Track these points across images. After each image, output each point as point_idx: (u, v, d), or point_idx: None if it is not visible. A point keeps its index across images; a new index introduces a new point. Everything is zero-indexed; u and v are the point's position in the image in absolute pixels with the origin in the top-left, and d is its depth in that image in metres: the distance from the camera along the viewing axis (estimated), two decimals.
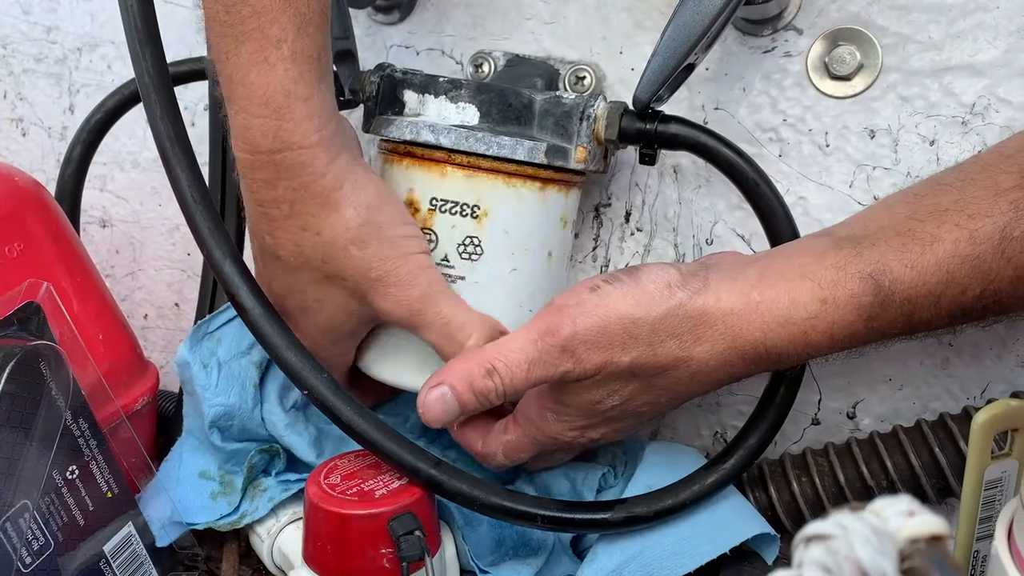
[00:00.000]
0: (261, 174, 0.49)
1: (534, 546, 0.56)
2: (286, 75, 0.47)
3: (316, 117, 0.48)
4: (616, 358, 0.48)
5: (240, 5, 0.46)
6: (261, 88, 0.47)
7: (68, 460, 0.51)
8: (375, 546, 0.49)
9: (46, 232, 0.59)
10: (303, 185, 0.49)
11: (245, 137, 0.48)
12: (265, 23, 0.46)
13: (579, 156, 0.54)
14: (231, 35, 0.47)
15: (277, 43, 0.46)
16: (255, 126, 0.48)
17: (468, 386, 0.49)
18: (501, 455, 0.55)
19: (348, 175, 0.50)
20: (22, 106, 0.83)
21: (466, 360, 0.50)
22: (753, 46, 0.59)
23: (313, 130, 0.48)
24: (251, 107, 0.47)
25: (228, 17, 0.46)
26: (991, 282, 0.45)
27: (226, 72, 0.48)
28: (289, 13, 0.46)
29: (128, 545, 0.55)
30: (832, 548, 0.23)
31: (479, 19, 0.65)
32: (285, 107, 0.47)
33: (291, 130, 0.48)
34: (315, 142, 0.48)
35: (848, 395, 0.59)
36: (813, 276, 0.47)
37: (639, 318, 0.48)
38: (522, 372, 0.48)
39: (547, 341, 0.48)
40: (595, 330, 0.48)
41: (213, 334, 0.59)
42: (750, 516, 0.54)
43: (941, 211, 0.46)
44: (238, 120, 0.48)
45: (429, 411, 0.50)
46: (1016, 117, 0.53)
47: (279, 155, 0.48)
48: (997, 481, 0.46)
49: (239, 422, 0.57)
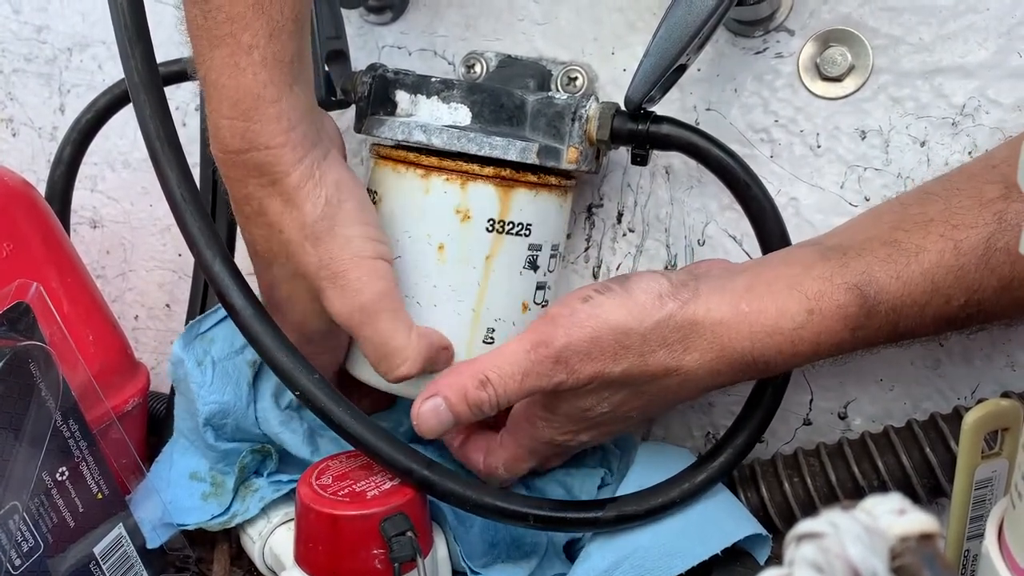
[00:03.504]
0: (232, 172, 0.50)
1: (527, 548, 0.56)
2: (255, 79, 0.47)
3: (285, 119, 0.49)
4: (608, 368, 0.49)
5: (216, 11, 0.47)
6: (231, 91, 0.48)
7: (58, 461, 0.51)
8: (367, 547, 0.49)
9: (36, 232, 0.59)
10: (269, 183, 0.50)
11: (217, 136, 0.49)
12: (238, 29, 0.47)
13: (571, 156, 0.54)
14: (206, 39, 0.48)
15: (248, 49, 0.47)
16: (225, 127, 0.49)
17: (462, 397, 0.49)
18: (503, 470, 0.56)
19: (314, 173, 0.50)
20: (12, 106, 0.83)
21: (459, 372, 0.50)
22: (745, 47, 0.59)
23: (280, 131, 0.49)
24: (222, 108, 0.48)
25: (204, 22, 0.47)
26: (975, 292, 0.46)
27: (201, 74, 0.49)
28: (262, 20, 0.47)
29: (119, 547, 0.55)
30: (823, 546, 0.23)
31: (471, 20, 0.65)
32: (253, 109, 0.48)
33: (258, 131, 0.48)
34: (282, 143, 0.49)
35: (839, 395, 0.59)
36: (800, 287, 0.47)
37: (631, 328, 0.48)
38: (515, 383, 0.49)
39: (540, 352, 0.48)
40: (588, 341, 0.48)
41: (205, 334, 0.58)
42: (742, 516, 0.54)
43: (927, 221, 0.47)
44: (211, 120, 0.49)
45: (423, 422, 0.50)
46: (1006, 118, 0.53)
47: (247, 155, 0.49)
48: (987, 480, 0.46)
49: (233, 420, 0.57)
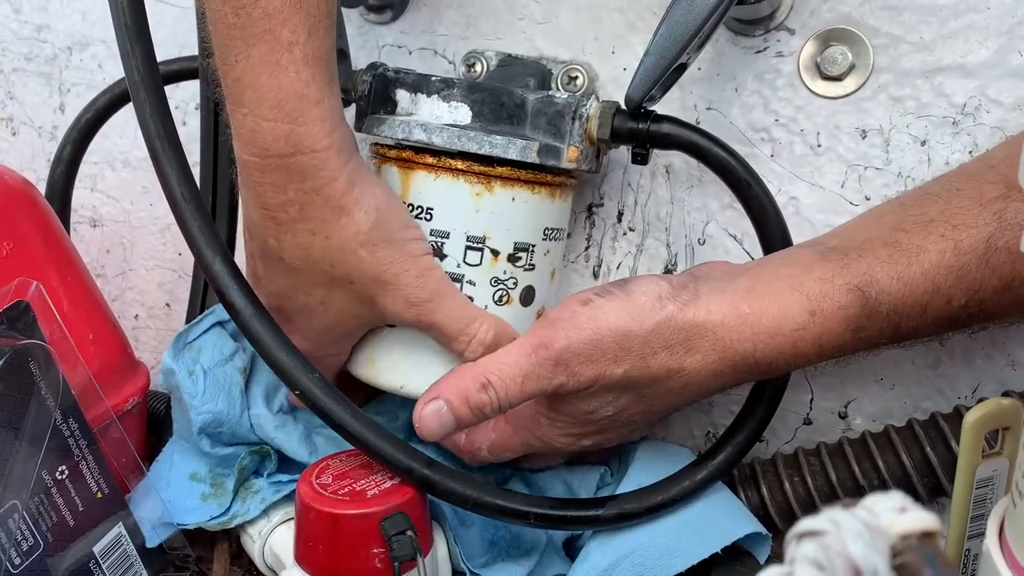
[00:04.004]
0: (270, 177, 0.49)
1: (526, 546, 0.56)
2: (298, 78, 0.46)
3: (328, 120, 0.48)
4: (609, 371, 0.48)
5: (251, 7, 0.45)
6: (273, 91, 0.46)
7: (58, 460, 0.51)
8: (367, 546, 0.49)
9: (36, 231, 0.59)
10: (314, 189, 0.48)
11: (254, 140, 0.48)
12: (276, 25, 0.45)
13: (571, 155, 0.54)
14: (240, 37, 0.46)
15: (289, 46, 0.46)
16: (266, 129, 0.47)
17: (464, 400, 0.49)
18: (486, 451, 0.55)
19: (358, 178, 0.50)
20: (12, 105, 0.83)
21: (461, 375, 0.50)
22: (745, 46, 0.59)
23: (325, 133, 0.48)
24: (262, 110, 0.47)
25: (237, 20, 0.46)
26: (976, 292, 0.46)
27: (233, 75, 0.47)
28: (300, 15, 0.46)
29: (118, 546, 0.55)
30: (824, 544, 0.23)
31: (472, 19, 0.65)
32: (298, 111, 0.47)
33: (304, 134, 0.47)
34: (327, 145, 0.48)
35: (840, 395, 0.59)
36: (801, 288, 0.47)
37: (631, 331, 0.48)
38: (516, 385, 0.49)
39: (541, 355, 0.48)
40: (588, 343, 0.48)
41: (193, 343, 0.58)
42: (742, 515, 0.54)
43: (927, 221, 0.47)
44: (247, 123, 0.47)
45: (425, 425, 0.50)
46: (1007, 117, 0.53)
47: (291, 159, 0.48)
48: (988, 479, 0.46)
49: (228, 428, 0.57)
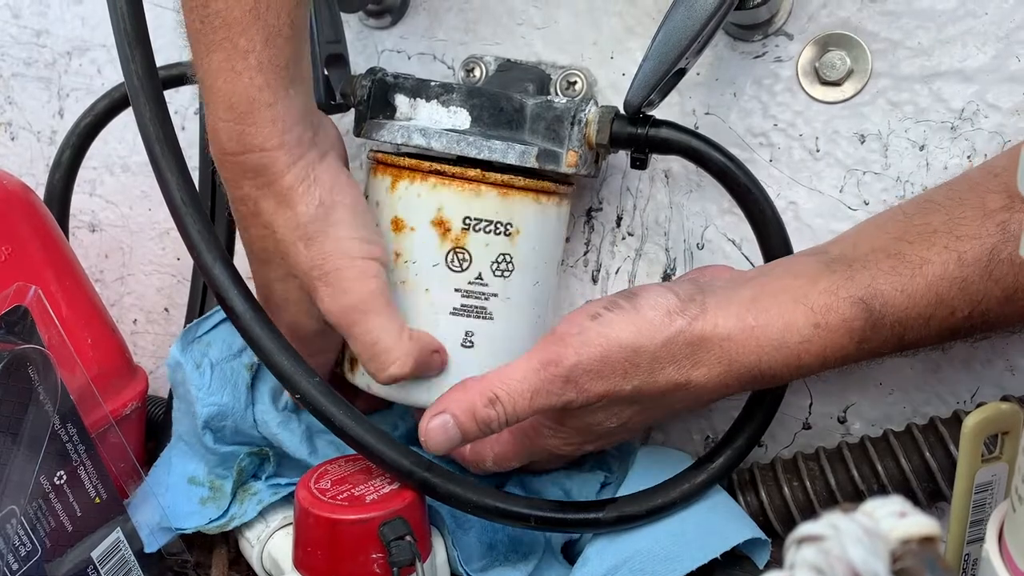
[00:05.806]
0: (228, 174, 0.51)
1: (525, 549, 0.56)
2: (251, 83, 0.48)
3: (280, 122, 0.49)
4: (619, 386, 0.49)
5: (213, 17, 0.47)
6: (227, 94, 0.49)
7: (56, 465, 0.51)
8: (366, 551, 0.49)
9: (34, 236, 0.58)
10: (264, 184, 0.50)
11: (214, 139, 0.50)
12: (234, 34, 0.48)
13: (570, 160, 0.54)
14: (204, 43, 0.48)
15: (244, 54, 0.48)
16: (222, 129, 0.49)
17: (471, 415, 0.49)
18: (491, 461, 0.55)
19: (308, 175, 0.51)
20: (11, 110, 0.83)
21: (468, 389, 0.50)
22: (744, 51, 0.59)
23: (275, 134, 0.49)
24: (219, 111, 0.49)
25: (202, 27, 0.48)
26: (979, 303, 0.46)
27: (199, 77, 0.50)
28: (258, 26, 0.48)
29: (116, 551, 0.54)
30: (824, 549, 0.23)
31: (471, 24, 0.65)
32: (248, 113, 0.49)
33: (254, 134, 0.49)
34: (276, 145, 0.50)
35: (839, 400, 0.59)
36: (806, 301, 0.47)
37: (641, 346, 0.48)
38: (525, 401, 0.48)
39: (550, 371, 0.48)
40: (598, 360, 0.48)
41: (203, 337, 0.58)
42: (741, 521, 0.54)
43: (930, 232, 0.47)
44: (209, 123, 0.50)
45: (432, 438, 0.50)
46: (1005, 123, 0.54)
47: (242, 156, 0.50)
48: (987, 484, 0.46)
49: (232, 422, 0.57)
